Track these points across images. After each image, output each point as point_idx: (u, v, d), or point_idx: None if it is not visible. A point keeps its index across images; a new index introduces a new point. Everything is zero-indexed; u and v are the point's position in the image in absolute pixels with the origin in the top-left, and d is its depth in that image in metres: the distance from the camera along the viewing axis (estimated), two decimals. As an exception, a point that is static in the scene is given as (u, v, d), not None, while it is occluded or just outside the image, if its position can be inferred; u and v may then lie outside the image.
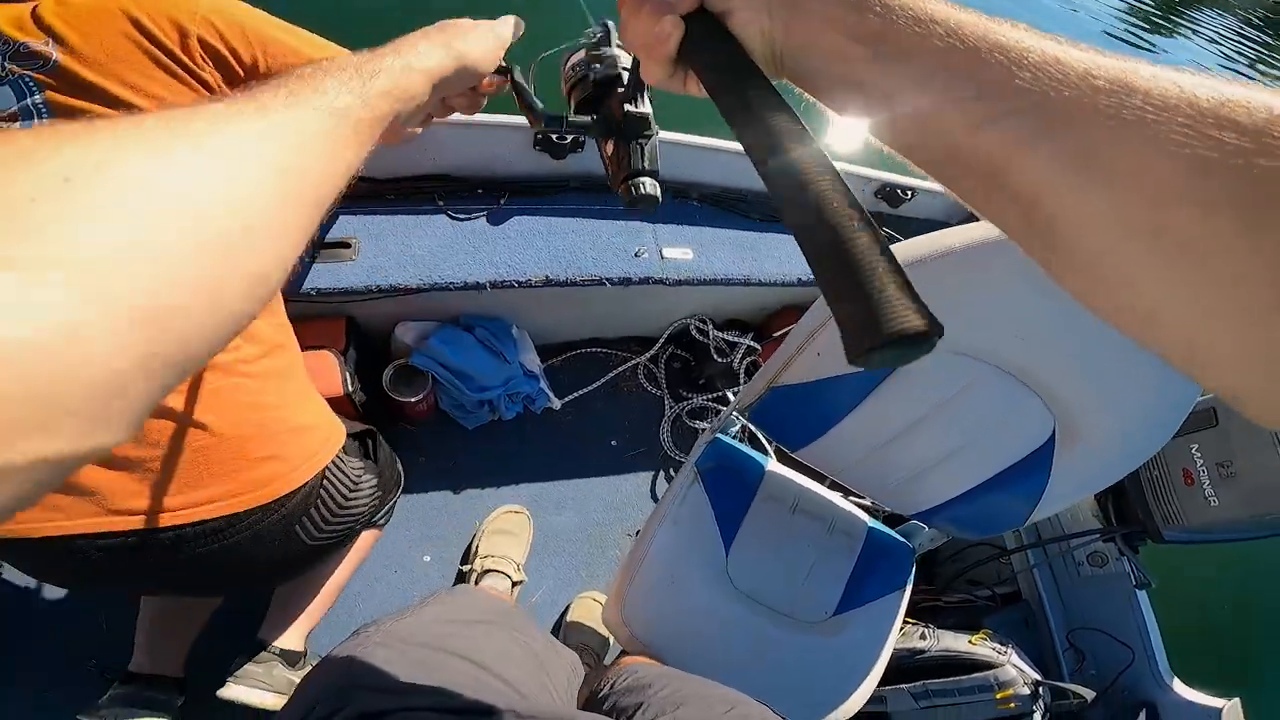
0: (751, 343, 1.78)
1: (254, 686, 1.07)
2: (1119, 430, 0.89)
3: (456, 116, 0.62)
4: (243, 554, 0.89)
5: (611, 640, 1.44)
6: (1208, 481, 1.27)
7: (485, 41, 0.55)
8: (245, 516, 0.86)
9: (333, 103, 0.37)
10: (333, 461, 0.99)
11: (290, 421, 0.93)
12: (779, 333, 1.78)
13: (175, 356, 0.25)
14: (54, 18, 0.75)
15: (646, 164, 0.55)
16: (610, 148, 0.56)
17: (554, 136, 1.43)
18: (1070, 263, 0.29)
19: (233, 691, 1.06)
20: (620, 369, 1.84)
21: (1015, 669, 1.19)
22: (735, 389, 1.83)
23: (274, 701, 1.06)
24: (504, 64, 0.60)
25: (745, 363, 1.81)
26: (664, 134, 1.45)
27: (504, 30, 0.59)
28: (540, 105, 0.58)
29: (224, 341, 0.28)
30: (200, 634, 1.21)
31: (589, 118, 0.57)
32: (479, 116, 1.38)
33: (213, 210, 0.26)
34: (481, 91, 0.60)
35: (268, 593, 1.22)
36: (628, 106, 0.55)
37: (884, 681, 1.11)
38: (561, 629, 1.47)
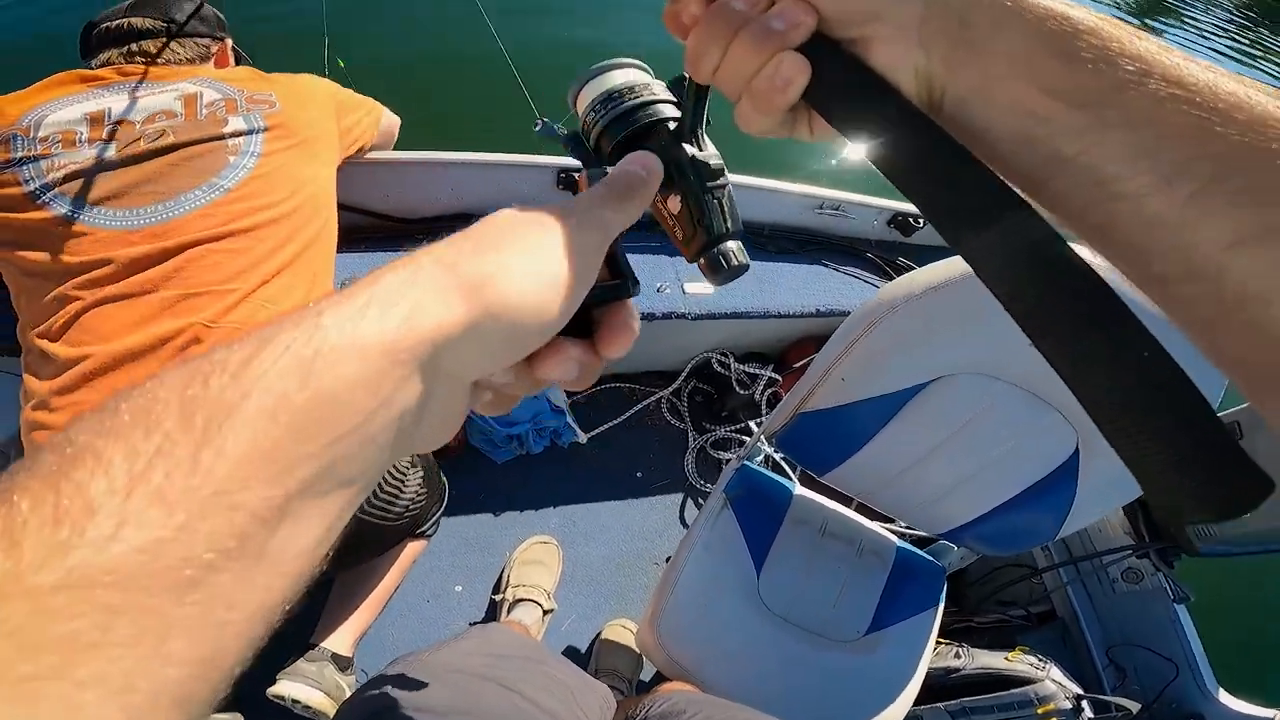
0: (772, 374, 1.81)
1: (305, 683, 1.09)
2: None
3: (477, 156, 0.50)
4: None
5: (644, 665, 1.45)
6: (1238, 493, 1.27)
7: (540, 254, 0.28)
8: None
9: (94, 560, 0.17)
10: None
11: None
12: (798, 364, 1.81)
13: None
14: (274, 84, 1.08)
15: (730, 224, 0.43)
16: (674, 205, 0.43)
17: (579, 175, 1.49)
18: None
19: (284, 688, 1.08)
20: (644, 403, 1.87)
21: (1055, 684, 1.18)
22: (758, 420, 1.86)
23: (322, 701, 1.08)
24: (615, 283, 0.35)
25: (767, 394, 1.84)
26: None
27: (616, 210, 0.33)
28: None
29: None
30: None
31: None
32: (499, 157, 1.45)
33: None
34: (601, 343, 0.33)
35: (304, 601, 1.24)
36: (692, 151, 0.42)
37: (919, 701, 1.11)
38: (593, 653, 1.48)
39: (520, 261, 0.27)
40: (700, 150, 0.42)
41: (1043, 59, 0.27)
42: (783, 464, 1.71)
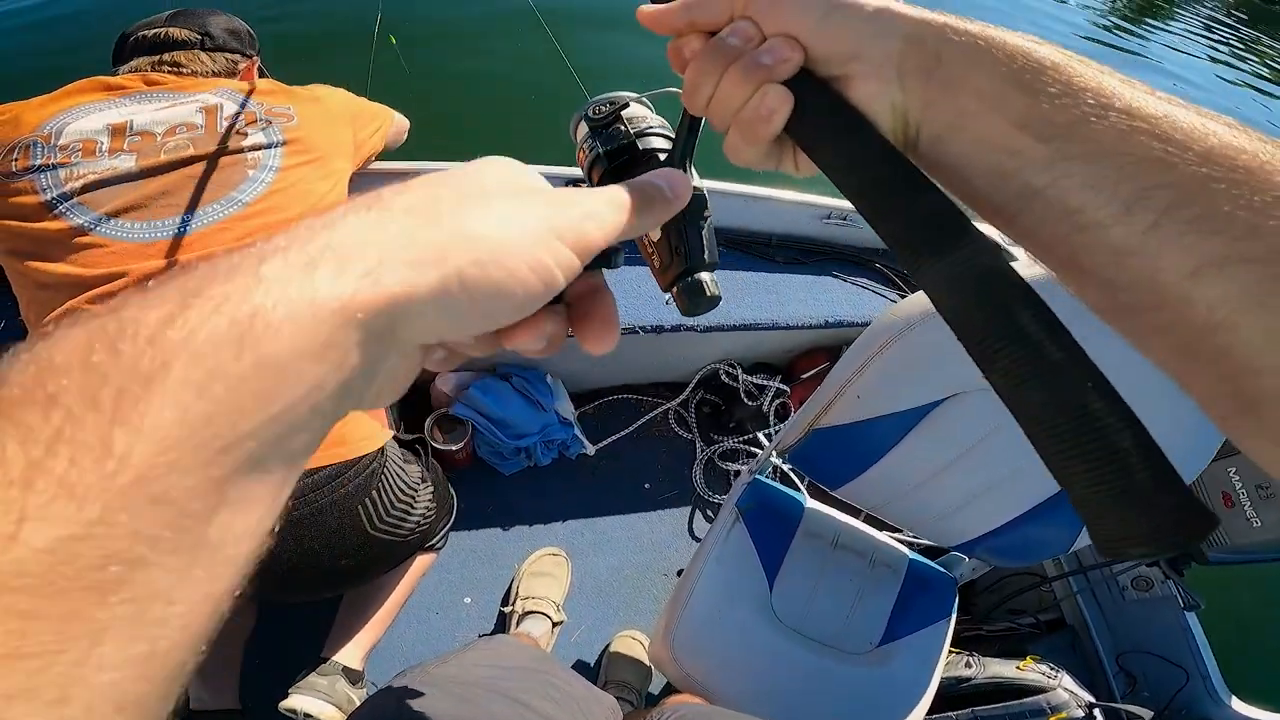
0: (780, 385, 1.81)
1: (317, 697, 1.09)
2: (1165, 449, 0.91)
3: None
4: (310, 534, 0.93)
5: (652, 677, 1.45)
6: (1248, 503, 1.28)
7: (527, 224, 0.25)
8: (317, 477, 0.92)
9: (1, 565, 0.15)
10: (393, 459, 1.05)
11: None
12: (806, 375, 1.81)
13: None
14: (293, 98, 1.09)
15: (708, 255, 0.42)
16: (655, 234, 0.43)
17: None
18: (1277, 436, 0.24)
19: (296, 702, 1.08)
20: (651, 414, 1.88)
21: (1067, 692, 1.18)
22: (766, 431, 1.86)
23: (334, 715, 1.08)
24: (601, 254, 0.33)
25: (775, 405, 1.84)
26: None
27: (603, 212, 0.29)
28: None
29: None
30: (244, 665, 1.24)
31: None
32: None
33: None
34: (577, 320, 0.34)
35: (314, 616, 1.25)
36: None
37: (931, 710, 1.11)
38: (602, 665, 1.48)
39: (509, 231, 0.24)
40: None
41: (1011, 94, 0.28)
42: (791, 475, 1.71)
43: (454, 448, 1.53)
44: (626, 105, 0.48)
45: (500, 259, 0.24)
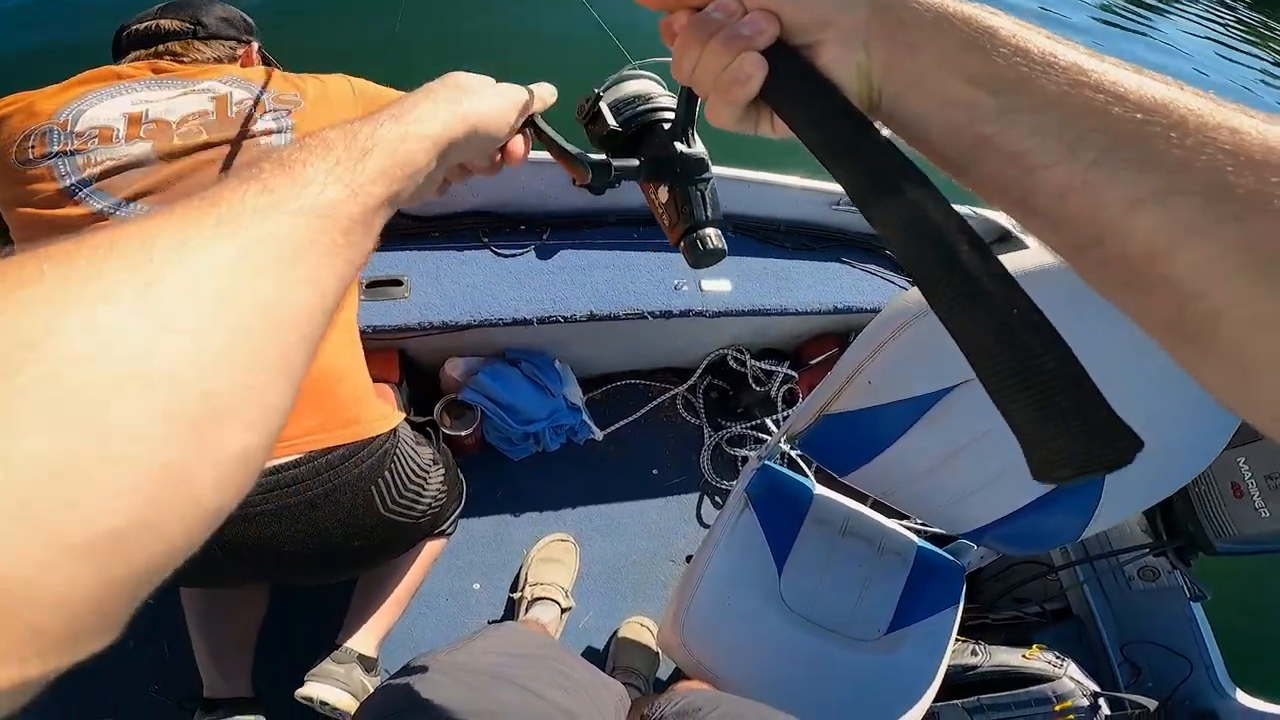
0: (788, 371, 1.81)
1: (333, 685, 1.10)
2: (1166, 447, 0.91)
3: None
4: (324, 514, 0.94)
5: (660, 663, 1.46)
6: (1257, 494, 1.27)
7: (498, 102, 0.48)
8: (331, 456, 0.93)
9: (316, 200, 0.31)
10: (406, 441, 1.06)
11: (365, 380, 1.05)
12: (814, 360, 1.80)
13: (146, 571, 0.21)
14: (300, 85, 1.07)
15: (710, 212, 0.49)
16: (663, 195, 0.50)
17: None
18: (1226, 362, 0.26)
19: (312, 689, 1.09)
20: (659, 400, 1.88)
21: (1072, 681, 1.19)
22: (774, 417, 1.86)
23: (349, 703, 1.09)
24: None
25: (783, 390, 1.84)
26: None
27: (522, 94, 0.51)
28: (579, 154, 0.50)
29: (205, 534, 0.23)
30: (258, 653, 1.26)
31: (634, 161, 0.50)
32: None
33: (168, 388, 0.21)
34: (506, 156, 0.54)
35: (327, 603, 1.27)
36: (680, 147, 0.49)
37: (937, 698, 1.12)
38: (610, 651, 1.49)
39: (489, 106, 0.47)
40: (689, 147, 0.49)
41: (966, 55, 0.31)
42: (799, 461, 1.71)
43: (463, 433, 1.53)
44: (640, 81, 0.54)
45: (491, 120, 0.47)
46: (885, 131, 0.35)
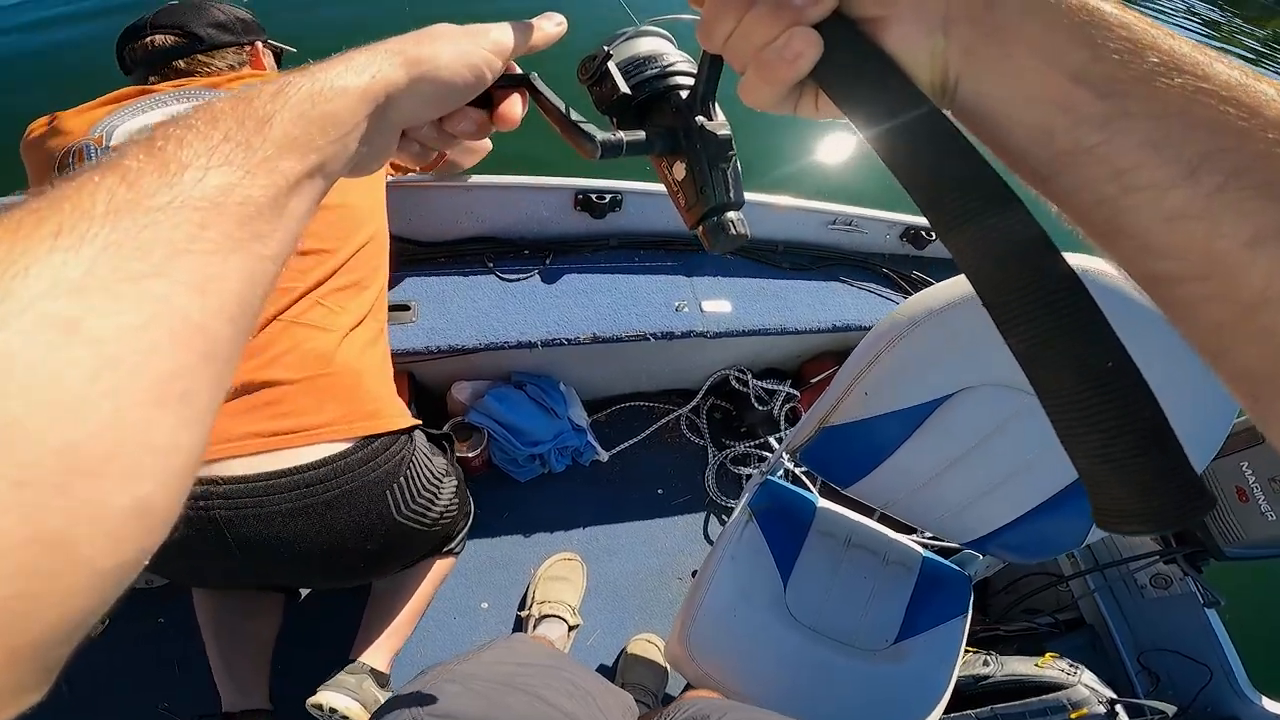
0: (790, 390, 1.83)
1: (345, 694, 1.11)
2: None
3: (496, 178, 0.56)
4: (339, 515, 0.96)
5: (668, 679, 1.46)
6: (1262, 497, 1.27)
7: (461, 44, 0.40)
8: (351, 459, 0.95)
9: (193, 189, 0.25)
10: (421, 449, 1.08)
11: (387, 378, 1.08)
12: (815, 379, 1.82)
13: (49, 638, 0.19)
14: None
15: (733, 193, 0.44)
16: (679, 171, 0.45)
17: (595, 196, 1.52)
18: None
19: (324, 697, 1.10)
20: (663, 420, 1.89)
21: (1088, 688, 1.18)
22: (777, 435, 1.87)
23: (360, 713, 1.10)
24: (517, 74, 0.45)
25: (785, 409, 1.85)
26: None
27: (500, 34, 0.42)
28: (584, 124, 0.43)
29: (118, 590, 0.21)
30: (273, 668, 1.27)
31: (647, 134, 0.44)
32: (518, 179, 1.48)
33: (11, 448, 0.18)
34: (497, 118, 0.45)
35: (340, 620, 1.28)
36: (704, 122, 0.44)
37: (950, 709, 1.11)
38: (618, 668, 1.49)
39: (447, 50, 0.39)
40: (710, 120, 0.44)
41: (1070, 46, 0.26)
42: (803, 477, 1.72)
43: (470, 455, 1.55)
44: (652, 39, 0.48)
45: (445, 65, 0.38)
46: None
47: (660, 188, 1.49)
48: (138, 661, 1.37)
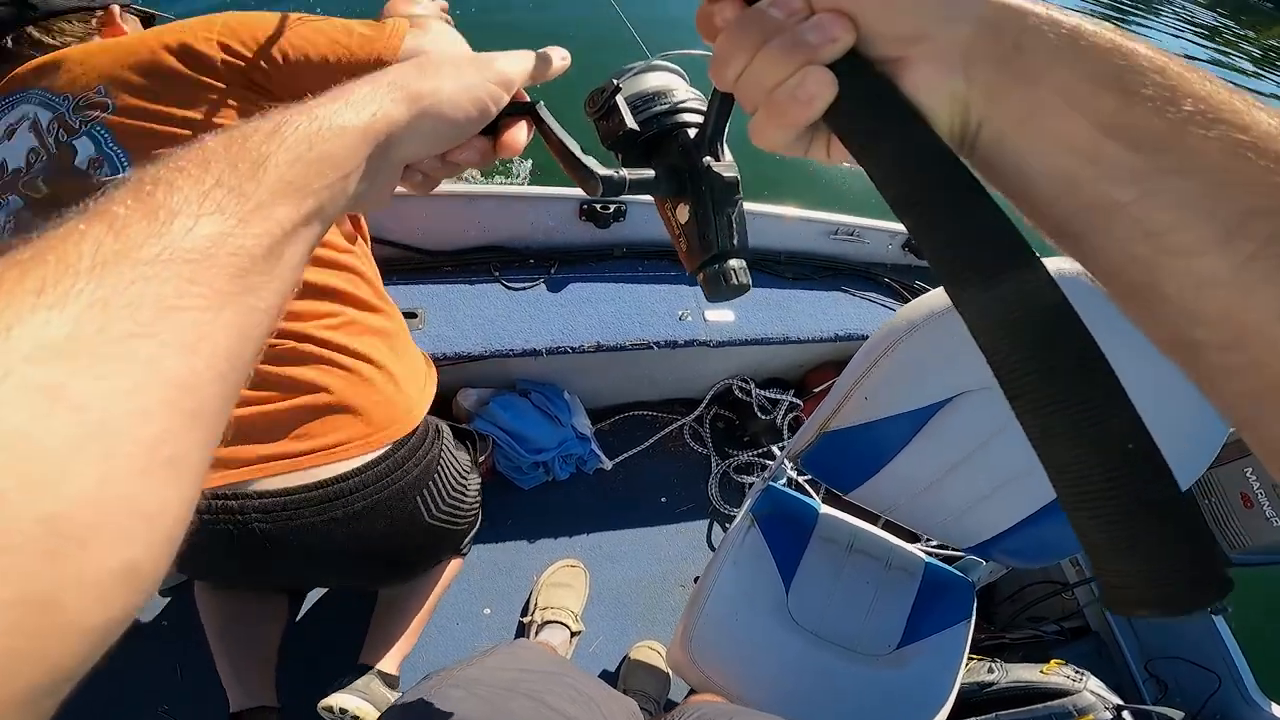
0: (793, 399, 1.84)
1: (355, 695, 1.12)
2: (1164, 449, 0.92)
3: (502, 188, 0.55)
4: (368, 522, 0.95)
5: (671, 686, 1.46)
6: (1267, 503, 1.27)
7: (466, 77, 0.39)
8: (380, 467, 0.94)
9: (183, 240, 0.24)
10: (448, 447, 1.07)
11: (415, 371, 1.06)
12: (818, 388, 1.83)
13: (35, 692, 0.18)
14: (96, 66, 0.80)
15: (736, 241, 0.42)
16: (683, 214, 0.43)
17: (600, 206, 1.54)
18: None
19: (335, 699, 1.11)
20: (667, 429, 1.90)
21: (1093, 694, 1.17)
22: (780, 444, 1.88)
23: (370, 713, 1.11)
24: (524, 102, 0.44)
25: (788, 418, 1.86)
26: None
27: (507, 65, 0.42)
28: (588, 160, 0.42)
29: (106, 644, 0.21)
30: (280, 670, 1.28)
31: (652, 173, 0.42)
32: (524, 189, 1.51)
33: (4, 517, 0.17)
34: (500, 147, 0.44)
35: (347, 620, 1.29)
36: (711, 163, 0.42)
37: (954, 717, 1.11)
38: (621, 675, 1.49)
39: (451, 84, 0.38)
40: (717, 160, 0.42)
41: (1100, 93, 0.24)
42: (806, 485, 1.72)
43: (475, 462, 1.57)
44: (661, 74, 0.46)
45: (449, 100, 0.38)
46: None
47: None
48: (137, 664, 1.37)
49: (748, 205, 1.52)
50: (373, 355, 0.98)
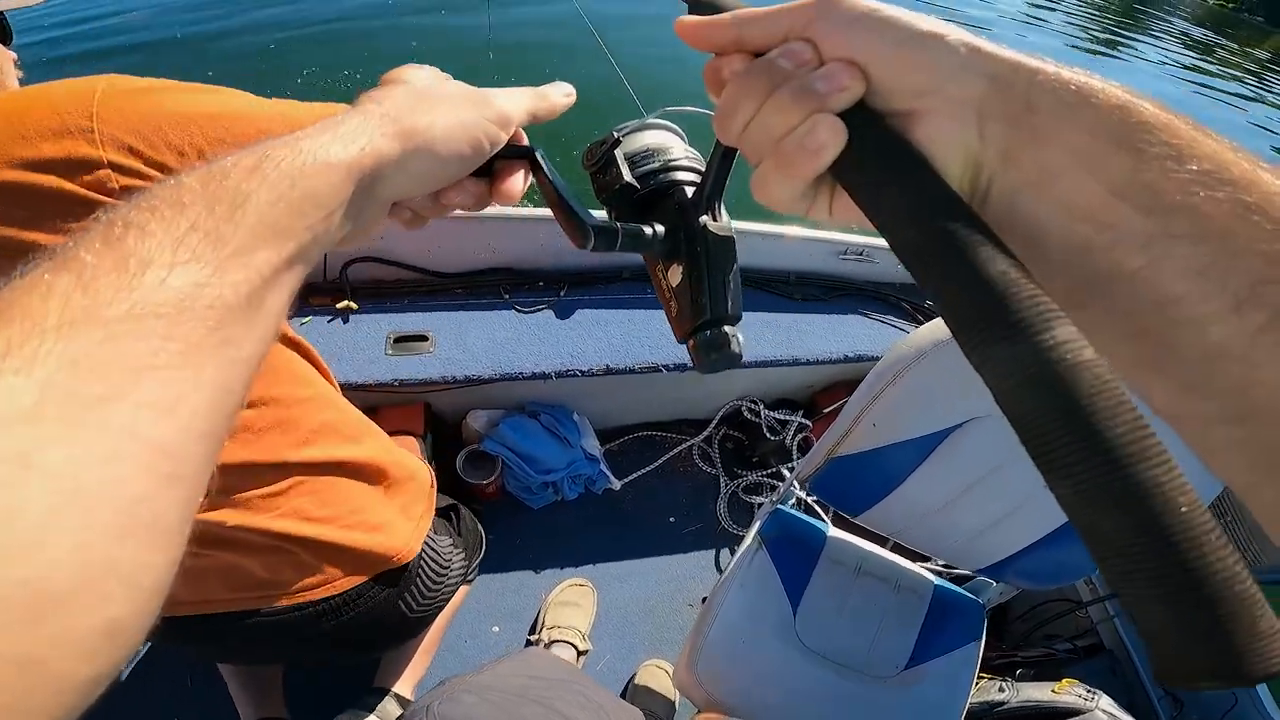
0: (802, 420, 1.84)
1: (367, 713, 1.14)
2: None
3: (513, 210, 0.47)
4: (344, 634, 0.95)
5: (677, 705, 1.45)
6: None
7: (462, 113, 0.37)
8: (349, 592, 0.92)
9: (154, 293, 0.23)
10: (428, 545, 1.05)
11: (385, 506, 0.96)
12: (828, 409, 1.83)
13: None
14: None
15: (730, 306, 0.39)
16: (675, 276, 0.40)
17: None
18: None
19: (348, 716, 1.13)
20: (676, 450, 1.91)
21: (1105, 714, 1.16)
22: (789, 465, 1.88)
23: None
24: (522, 146, 0.43)
25: (797, 439, 1.86)
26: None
27: (506, 104, 0.40)
28: (581, 211, 0.40)
29: (95, 693, 0.21)
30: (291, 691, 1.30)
31: (647, 229, 0.40)
32: (534, 211, 1.52)
33: None
34: (497, 193, 0.42)
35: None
36: (708, 223, 0.40)
37: (963, 738, 1.10)
38: (628, 695, 1.49)
39: (445, 120, 0.36)
40: (714, 220, 0.40)
41: (1111, 153, 0.24)
42: (815, 507, 1.72)
43: (484, 482, 1.58)
44: (658, 131, 0.45)
45: (442, 138, 0.36)
46: None
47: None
48: (149, 675, 1.39)
49: (754, 225, 1.53)
50: (353, 511, 0.90)
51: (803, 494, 1.69)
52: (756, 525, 1.27)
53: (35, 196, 0.55)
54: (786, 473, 1.88)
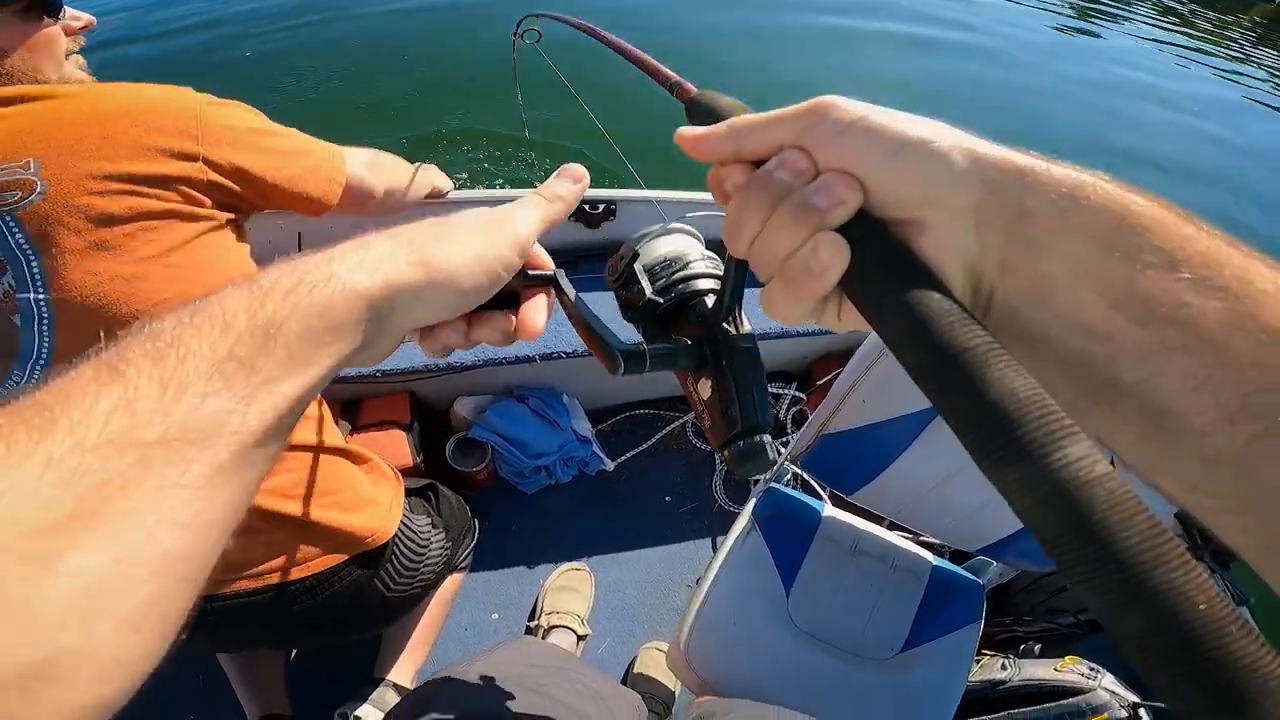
0: (796, 393, 1.81)
1: (369, 705, 1.15)
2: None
3: (492, 193, 0.51)
4: (319, 615, 0.95)
5: (677, 690, 1.44)
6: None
7: (477, 244, 0.37)
8: (323, 572, 0.93)
9: (187, 418, 0.25)
10: (404, 523, 1.05)
11: (355, 490, 0.97)
12: (821, 381, 1.80)
13: None
14: (36, 126, 0.62)
15: (761, 414, 0.40)
16: (705, 389, 0.41)
17: (589, 206, 1.51)
18: None
19: (348, 708, 1.14)
20: (669, 428, 1.88)
21: (1108, 692, 1.13)
22: (784, 439, 1.85)
23: None
24: (544, 274, 0.43)
25: (792, 412, 1.84)
26: (688, 194, 1.54)
27: (523, 225, 0.40)
28: (609, 335, 0.41)
29: None
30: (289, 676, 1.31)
31: (672, 349, 0.41)
32: (513, 192, 1.48)
33: None
34: (520, 328, 0.43)
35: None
36: (730, 333, 0.41)
37: (966, 715, 1.08)
38: (628, 680, 1.48)
39: (462, 251, 0.36)
40: (737, 330, 0.41)
41: (1106, 262, 0.24)
42: (812, 484, 1.69)
43: (475, 469, 1.56)
44: (674, 237, 0.46)
45: (458, 271, 0.36)
46: None
47: (655, 194, 1.49)
48: (165, 674, 1.39)
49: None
50: (332, 491, 0.92)
51: (798, 470, 1.67)
52: (751, 504, 1.24)
53: (152, 181, 0.67)
54: (781, 448, 1.84)
